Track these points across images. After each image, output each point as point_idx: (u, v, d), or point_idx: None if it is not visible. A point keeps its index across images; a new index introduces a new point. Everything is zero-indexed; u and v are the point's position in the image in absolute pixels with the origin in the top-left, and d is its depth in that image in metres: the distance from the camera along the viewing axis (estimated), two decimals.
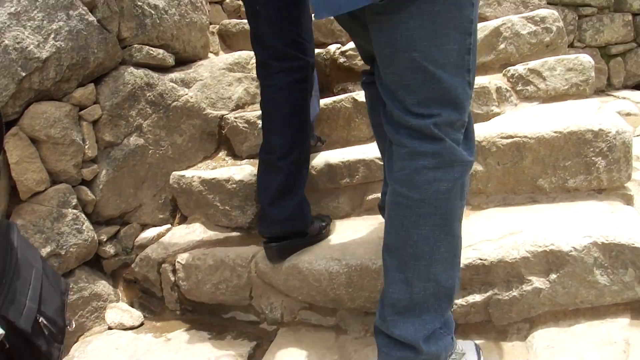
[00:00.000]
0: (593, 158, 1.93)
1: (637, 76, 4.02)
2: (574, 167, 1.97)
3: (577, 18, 3.59)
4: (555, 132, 1.96)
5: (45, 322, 1.43)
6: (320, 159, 2.35)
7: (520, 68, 2.54)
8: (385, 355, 1.38)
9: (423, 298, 1.34)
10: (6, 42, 1.96)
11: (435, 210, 1.31)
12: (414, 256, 1.33)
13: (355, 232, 2.12)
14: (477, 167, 2.07)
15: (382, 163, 2.14)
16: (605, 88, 3.92)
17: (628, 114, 3.24)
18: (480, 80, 2.47)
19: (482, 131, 2.07)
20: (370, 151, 2.29)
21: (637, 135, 2.74)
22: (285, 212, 1.97)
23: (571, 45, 3.75)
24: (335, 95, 2.80)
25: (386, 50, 1.31)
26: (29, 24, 2.04)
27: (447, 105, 1.30)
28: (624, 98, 3.57)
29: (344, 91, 3.06)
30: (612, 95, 3.66)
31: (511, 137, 2.02)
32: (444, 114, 1.30)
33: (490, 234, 1.81)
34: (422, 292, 1.34)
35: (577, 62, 2.50)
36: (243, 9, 2.36)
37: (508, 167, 2.04)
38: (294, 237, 2.02)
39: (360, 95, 2.63)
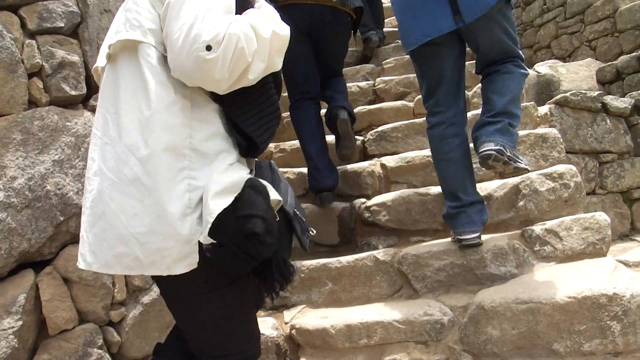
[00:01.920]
0: (608, 322, 1.93)
1: None
2: (589, 331, 1.96)
3: (597, 165, 3.66)
4: (569, 297, 1.98)
5: (298, 214, 1.68)
6: (339, 318, 2.39)
7: (537, 229, 2.56)
8: None
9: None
10: (48, 187, 2.12)
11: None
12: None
13: None
14: (492, 331, 2.08)
15: (399, 326, 2.21)
16: (629, 232, 3.90)
17: None
18: (498, 242, 2.53)
19: (499, 296, 2.10)
20: (388, 313, 2.33)
21: None
22: None
23: (593, 192, 3.79)
24: (359, 249, 2.87)
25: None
26: (71, 172, 2.22)
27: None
28: None
29: (368, 245, 3.14)
30: (636, 240, 3.64)
31: (526, 302, 2.04)
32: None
33: None
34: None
35: (593, 220, 2.54)
36: None
37: (523, 331, 2.04)
38: None
39: (381, 253, 2.71)
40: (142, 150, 1.38)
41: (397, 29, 3.18)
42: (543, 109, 3.40)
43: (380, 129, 3.82)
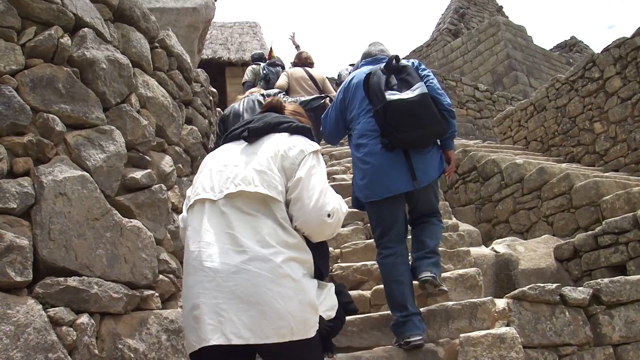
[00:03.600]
0: None
1: None
2: None
3: (557, 359, 3.51)
4: None
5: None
6: None
7: None
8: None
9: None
10: None
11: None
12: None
13: None
14: None
15: None
16: None
17: None
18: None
19: None
20: None
21: None
22: None
23: None
24: None
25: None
26: None
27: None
28: None
29: None
30: None
31: None
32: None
33: None
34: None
35: None
36: None
37: None
38: None
39: None
40: (277, 258, 2.02)
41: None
42: (501, 304, 3.31)
43: None
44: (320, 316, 2.07)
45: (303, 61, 6.59)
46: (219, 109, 5.42)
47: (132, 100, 3.31)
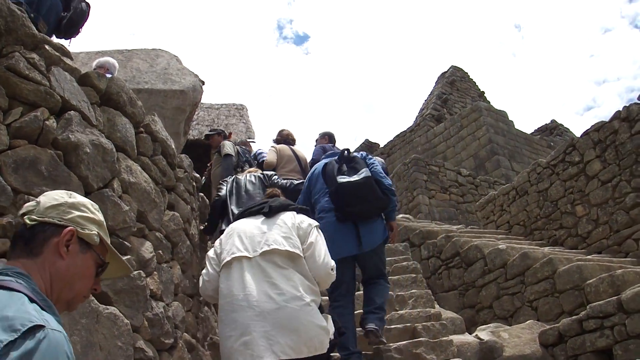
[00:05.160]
0: None
1: None
2: None
3: None
4: None
5: None
6: None
7: None
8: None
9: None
10: None
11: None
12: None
13: None
14: None
15: None
16: None
17: None
18: None
19: None
20: None
21: None
22: None
23: None
24: None
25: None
26: None
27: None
28: None
29: None
30: None
31: None
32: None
33: None
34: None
35: None
36: None
37: None
38: None
39: None
40: (306, 298, 2.97)
41: None
42: None
43: None
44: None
45: (285, 138, 7.01)
46: (201, 194, 5.43)
47: (115, 185, 3.30)
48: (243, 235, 3.27)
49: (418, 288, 5.88)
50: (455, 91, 24.04)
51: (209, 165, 7.72)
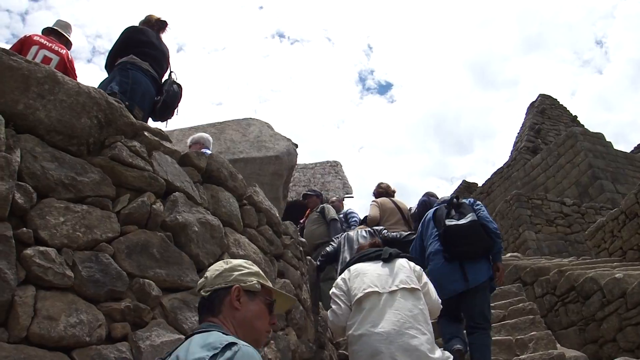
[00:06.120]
0: None
1: None
2: None
3: None
4: None
5: None
6: None
7: None
8: None
9: None
10: None
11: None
12: None
13: None
14: None
15: None
16: None
17: None
18: None
19: None
20: None
21: None
22: None
23: None
24: None
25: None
26: None
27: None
28: None
29: None
30: None
31: None
32: None
33: None
34: None
35: None
36: None
37: None
38: None
39: None
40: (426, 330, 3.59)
41: None
42: None
43: None
44: None
45: (385, 190, 7.28)
46: (309, 257, 5.68)
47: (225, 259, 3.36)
48: (370, 275, 3.86)
49: (537, 329, 5.80)
50: (547, 120, 23.54)
51: (300, 222, 7.93)
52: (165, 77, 5.00)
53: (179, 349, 1.60)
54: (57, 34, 5.51)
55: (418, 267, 4.02)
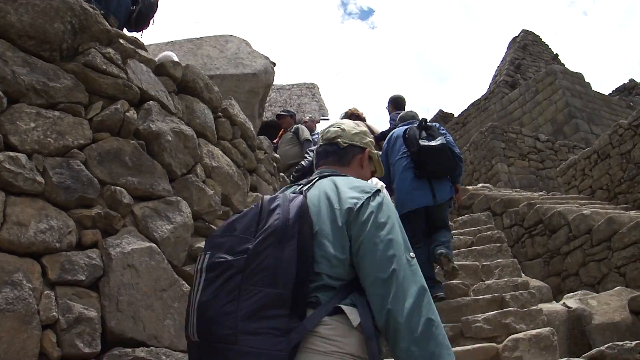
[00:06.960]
0: None
1: None
2: None
3: None
4: None
5: None
6: None
7: None
8: None
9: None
10: None
11: None
12: None
13: None
14: None
15: None
16: None
17: None
18: None
19: None
20: None
21: None
22: None
23: None
24: None
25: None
26: None
27: None
28: None
29: None
30: None
31: None
32: None
33: None
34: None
35: None
36: None
37: None
38: None
39: None
40: None
41: None
42: None
43: None
44: None
45: (354, 114, 7.11)
46: (282, 174, 5.68)
47: (198, 170, 3.34)
48: None
49: (503, 257, 5.89)
50: (527, 55, 23.32)
51: (274, 142, 7.91)
52: None
53: (318, 187, 1.74)
54: None
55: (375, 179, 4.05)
